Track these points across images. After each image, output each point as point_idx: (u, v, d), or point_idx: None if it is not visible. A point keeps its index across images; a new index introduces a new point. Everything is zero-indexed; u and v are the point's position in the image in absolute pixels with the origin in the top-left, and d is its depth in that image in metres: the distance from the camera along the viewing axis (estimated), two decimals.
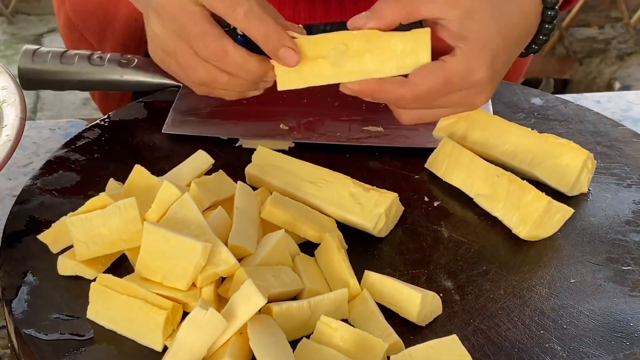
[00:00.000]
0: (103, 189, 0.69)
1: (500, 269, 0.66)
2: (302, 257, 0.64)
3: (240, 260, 0.61)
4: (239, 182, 0.67)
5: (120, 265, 0.63)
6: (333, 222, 0.68)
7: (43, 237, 0.64)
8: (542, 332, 0.60)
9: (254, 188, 0.69)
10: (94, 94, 1.07)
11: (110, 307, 0.58)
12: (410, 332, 0.60)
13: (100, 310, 0.58)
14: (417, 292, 0.60)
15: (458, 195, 0.73)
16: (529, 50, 0.74)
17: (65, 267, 0.62)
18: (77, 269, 0.62)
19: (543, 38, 0.73)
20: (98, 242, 0.60)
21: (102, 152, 0.76)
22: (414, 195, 0.73)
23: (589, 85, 3.25)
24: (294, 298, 0.61)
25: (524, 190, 0.68)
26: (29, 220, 0.68)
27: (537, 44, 0.74)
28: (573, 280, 0.65)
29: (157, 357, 0.56)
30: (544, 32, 0.72)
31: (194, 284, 0.58)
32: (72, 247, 0.62)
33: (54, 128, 0.88)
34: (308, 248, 0.66)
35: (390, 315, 0.60)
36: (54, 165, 0.74)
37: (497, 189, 0.70)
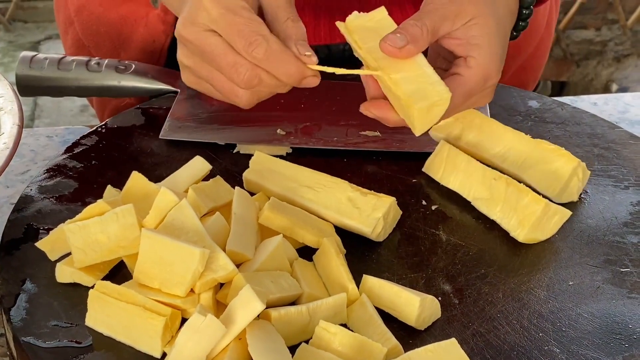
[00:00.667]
0: (101, 196, 0.69)
1: (499, 272, 0.66)
2: (300, 262, 0.64)
3: (239, 266, 0.61)
4: (237, 187, 0.67)
5: (119, 272, 0.63)
6: (331, 226, 0.68)
7: (41, 244, 0.64)
8: (540, 334, 0.60)
9: (252, 193, 0.69)
10: (92, 100, 1.07)
11: (109, 314, 0.57)
12: (409, 336, 0.60)
13: (99, 318, 0.58)
14: (415, 296, 0.60)
15: (456, 199, 0.73)
16: (510, 38, 0.75)
17: (64, 274, 0.62)
18: (75, 276, 0.62)
19: (522, 24, 0.76)
20: (96, 249, 0.60)
21: (99, 159, 0.76)
22: (412, 199, 0.73)
23: (586, 87, 3.25)
24: (293, 303, 0.61)
25: (521, 193, 0.68)
26: (27, 228, 0.68)
27: (516, 30, 0.76)
28: (571, 283, 0.65)
29: None
30: (523, 16, 0.75)
31: (193, 290, 0.58)
32: (70, 254, 0.62)
33: (52, 135, 0.88)
34: (306, 253, 0.66)
35: (389, 320, 0.60)
36: (52, 173, 0.74)
37: (494, 192, 0.70)
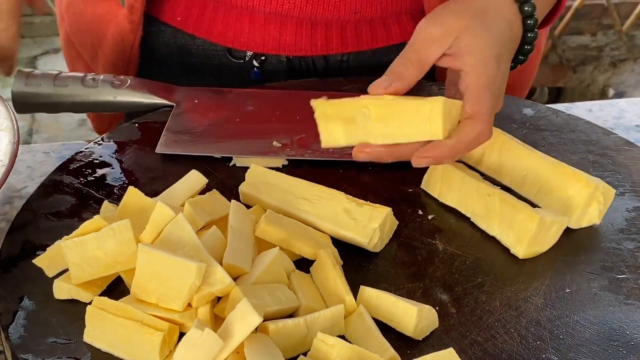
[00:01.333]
0: (98, 212, 0.69)
1: (496, 281, 0.66)
2: (297, 274, 0.64)
3: (236, 279, 0.61)
4: (233, 201, 0.67)
5: (116, 288, 0.63)
6: (327, 238, 0.68)
7: (38, 261, 0.64)
8: (538, 342, 0.60)
9: (249, 206, 0.69)
10: (89, 114, 1.08)
11: (107, 330, 0.58)
12: (407, 346, 0.60)
13: (97, 334, 0.58)
14: (413, 306, 0.60)
15: (452, 208, 0.73)
16: (516, 61, 0.76)
17: (61, 290, 0.62)
18: (72, 293, 0.62)
19: (527, 47, 0.75)
20: (93, 265, 0.60)
21: (96, 174, 0.76)
22: (408, 209, 0.73)
23: (583, 93, 3.26)
24: (290, 315, 0.61)
25: (515, 209, 0.68)
26: (24, 245, 0.68)
27: (522, 54, 0.76)
28: (568, 290, 0.65)
29: None
30: (528, 40, 0.74)
31: (190, 305, 0.58)
32: (67, 270, 0.62)
33: (48, 151, 0.89)
34: (303, 265, 0.66)
35: (387, 330, 0.60)
36: (48, 189, 0.74)
37: (490, 209, 0.70)
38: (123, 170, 0.77)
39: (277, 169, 0.75)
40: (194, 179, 0.70)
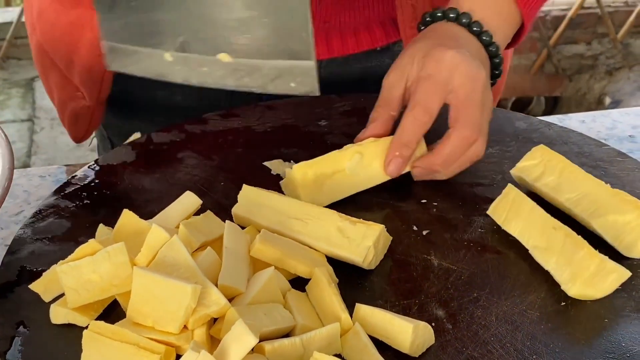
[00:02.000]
0: (93, 235, 0.69)
1: (491, 295, 0.66)
2: (293, 293, 0.65)
3: (232, 300, 0.61)
4: (227, 221, 0.67)
5: (113, 311, 0.63)
6: (322, 256, 0.68)
7: (34, 286, 0.64)
8: (534, 356, 0.60)
9: (242, 228, 0.69)
10: (64, 120, 1.07)
11: (104, 354, 0.58)
12: None
13: (94, 358, 0.58)
14: (408, 323, 0.60)
15: (446, 223, 0.74)
16: (494, 77, 0.82)
17: (58, 315, 0.62)
18: (69, 317, 0.62)
19: (496, 72, 0.81)
20: (89, 288, 0.61)
21: (91, 197, 0.77)
22: (403, 225, 0.74)
23: (580, 102, 3.26)
24: (287, 335, 0.61)
25: (577, 246, 0.66)
26: (21, 270, 0.68)
27: (492, 78, 0.81)
28: (564, 303, 0.65)
29: None
30: (494, 65, 0.81)
31: (186, 327, 0.59)
32: (63, 295, 0.62)
33: (44, 175, 0.89)
34: (299, 284, 0.66)
35: (384, 348, 0.60)
36: (44, 214, 0.74)
37: (551, 242, 0.68)
38: (118, 193, 0.78)
39: (269, 189, 0.75)
40: (189, 200, 0.70)
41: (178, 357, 0.58)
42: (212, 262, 0.64)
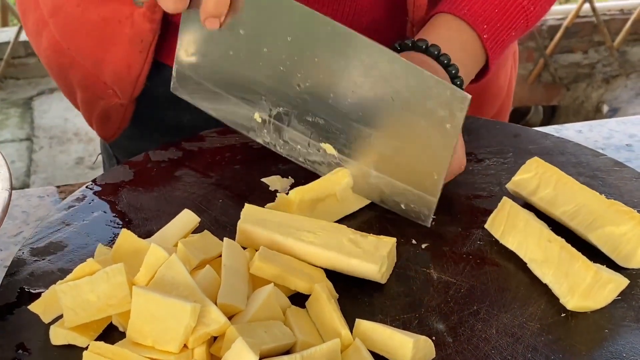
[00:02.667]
0: (92, 255, 0.69)
1: (491, 308, 0.66)
2: (293, 309, 0.64)
3: (232, 318, 0.61)
4: (225, 239, 0.67)
5: (113, 331, 0.63)
6: (322, 272, 0.68)
7: (34, 307, 0.64)
8: None
9: (244, 247, 0.69)
10: (91, 120, 1.03)
11: None
12: None
13: None
14: (408, 337, 0.60)
15: (445, 236, 0.74)
16: None
17: (58, 336, 0.62)
18: (69, 338, 0.62)
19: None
20: (86, 308, 0.61)
21: (89, 217, 0.77)
22: (402, 239, 0.74)
23: (578, 110, 3.27)
24: (287, 352, 0.61)
25: (573, 258, 0.66)
26: (20, 292, 0.68)
27: None
28: (564, 314, 0.65)
29: None
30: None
31: (186, 346, 0.58)
32: (63, 316, 0.62)
33: (43, 195, 0.89)
34: (299, 300, 0.66)
35: None
36: (43, 234, 0.75)
37: (548, 255, 0.68)
38: (116, 212, 0.78)
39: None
40: (187, 218, 0.70)
41: None
42: (211, 280, 0.64)
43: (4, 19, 3.17)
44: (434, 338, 0.63)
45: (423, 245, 0.73)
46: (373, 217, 0.77)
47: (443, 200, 0.78)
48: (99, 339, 0.62)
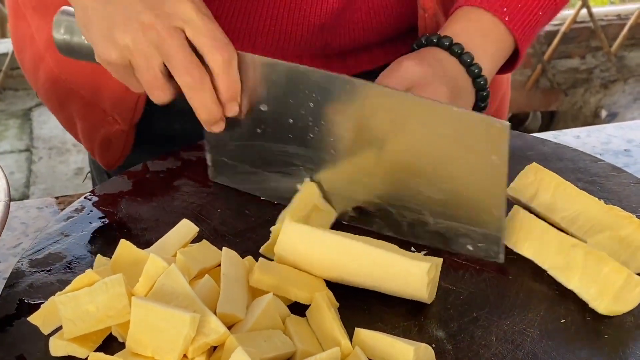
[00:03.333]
0: (91, 265, 0.69)
1: (491, 314, 0.66)
2: (292, 318, 0.64)
3: (231, 327, 0.61)
4: (224, 248, 0.67)
5: (112, 342, 0.63)
6: (322, 281, 0.68)
7: (33, 318, 0.64)
8: None
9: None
10: (93, 149, 1.02)
11: None
12: None
13: None
14: (409, 345, 0.60)
15: (444, 243, 0.74)
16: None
17: (57, 347, 0.62)
18: (69, 349, 0.62)
19: (483, 94, 0.82)
20: (85, 319, 0.60)
21: (88, 228, 0.77)
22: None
23: (576, 116, 3.27)
24: None
25: (602, 262, 0.66)
26: (20, 303, 0.68)
27: (482, 101, 0.83)
28: (563, 321, 0.65)
29: None
30: (479, 86, 0.81)
31: (186, 356, 0.58)
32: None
33: (42, 207, 0.89)
34: (298, 309, 0.66)
35: None
36: (42, 246, 0.74)
37: (571, 261, 0.67)
38: (115, 223, 0.78)
39: None
40: (186, 228, 0.70)
41: None
42: (210, 289, 0.64)
43: (2, 31, 3.18)
44: (434, 345, 0.62)
45: (422, 253, 0.73)
46: None
47: None
48: (99, 350, 0.62)
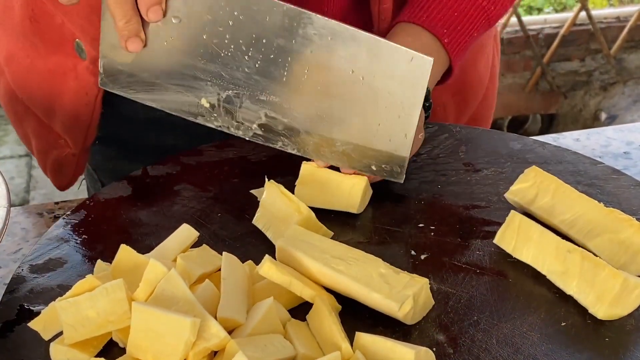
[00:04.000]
0: (91, 271, 0.69)
1: (491, 318, 0.66)
2: (293, 322, 0.64)
3: (232, 332, 0.61)
4: (224, 253, 0.67)
5: (113, 347, 0.63)
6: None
7: (34, 324, 0.64)
8: None
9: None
10: (46, 169, 1.03)
11: None
12: None
13: None
14: (409, 349, 0.60)
15: (444, 247, 0.74)
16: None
17: (58, 353, 0.62)
18: (69, 355, 0.62)
19: (426, 104, 0.83)
20: (86, 324, 0.60)
21: (88, 233, 0.77)
22: (400, 250, 0.74)
23: (576, 118, 3.27)
24: None
25: (598, 268, 0.65)
26: (20, 309, 0.68)
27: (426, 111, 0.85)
28: (564, 324, 0.65)
29: None
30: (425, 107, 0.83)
31: None
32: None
33: (42, 212, 0.89)
34: (299, 313, 0.66)
35: None
36: (42, 251, 0.75)
37: (569, 266, 0.67)
38: (115, 227, 0.78)
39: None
40: (186, 233, 0.70)
41: None
42: (210, 294, 0.64)
43: None
44: (435, 349, 0.62)
45: (422, 256, 0.73)
46: (372, 229, 0.77)
47: (441, 211, 0.78)
48: (99, 356, 0.62)
